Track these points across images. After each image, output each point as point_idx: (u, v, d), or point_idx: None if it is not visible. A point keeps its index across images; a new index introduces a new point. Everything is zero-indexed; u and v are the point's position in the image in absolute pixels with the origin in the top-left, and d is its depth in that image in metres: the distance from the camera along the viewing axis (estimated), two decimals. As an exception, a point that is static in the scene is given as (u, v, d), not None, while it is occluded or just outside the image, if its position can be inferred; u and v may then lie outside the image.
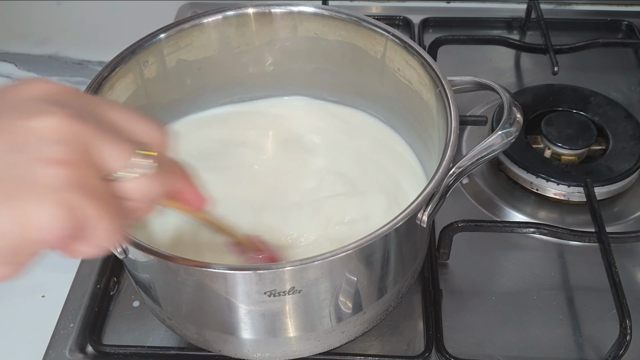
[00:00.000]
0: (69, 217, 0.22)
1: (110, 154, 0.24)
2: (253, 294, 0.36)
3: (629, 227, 0.53)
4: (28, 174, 0.22)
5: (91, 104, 0.25)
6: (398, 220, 0.35)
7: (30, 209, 0.22)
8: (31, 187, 0.22)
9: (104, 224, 0.23)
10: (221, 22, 0.49)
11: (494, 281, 0.49)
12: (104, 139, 0.24)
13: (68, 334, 0.46)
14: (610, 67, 0.68)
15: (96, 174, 0.24)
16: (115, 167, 0.24)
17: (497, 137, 0.40)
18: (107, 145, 0.24)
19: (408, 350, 0.45)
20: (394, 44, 0.46)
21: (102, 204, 0.23)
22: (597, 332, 0.46)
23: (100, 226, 0.23)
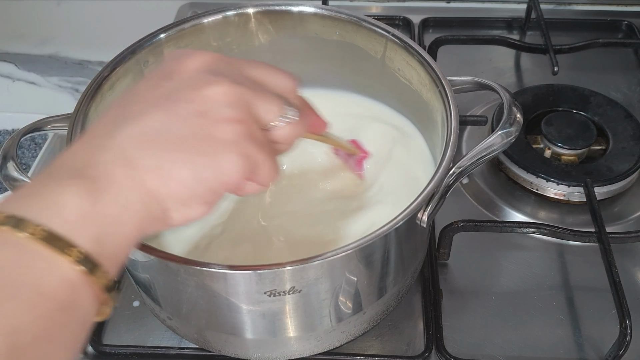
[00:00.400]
0: (247, 162, 0.28)
1: (266, 109, 0.29)
2: (253, 294, 0.36)
3: (629, 227, 0.53)
4: (213, 132, 0.27)
5: (240, 67, 0.30)
6: (398, 220, 0.35)
7: (221, 159, 0.27)
8: (218, 142, 0.27)
9: (268, 165, 0.29)
10: (221, 22, 0.49)
11: (494, 281, 0.49)
12: (259, 97, 0.29)
13: (68, 334, 0.46)
14: (610, 67, 0.68)
15: (258, 126, 0.29)
16: (270, 119, 0.30)
17: (497, 137, 0.40)
18: (262, 102, 0.29)
19: (408, 350, 0.45)
20: (394, 44, 0.46)
21: (266, 149, 0.29)
22: (597, 332, 0.46)
23: (266, 167, 0.29)
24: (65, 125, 0.42)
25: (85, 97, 0.42)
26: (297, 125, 0.31)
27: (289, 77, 0.32)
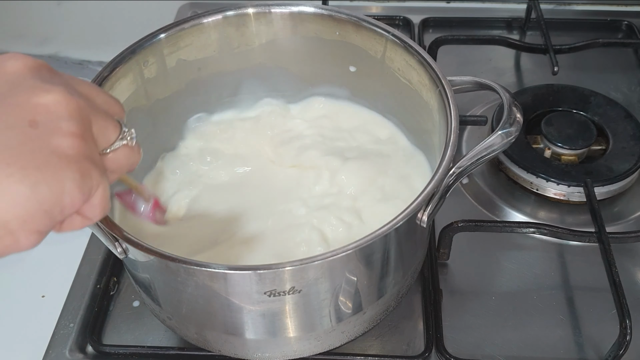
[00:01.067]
0: (87, 184, 0.24)
1: (104, 129, 0.26)
2: (253, 294, 0.36)
3: (629, 227, 0.53)
4: (49, 145, 0.23)
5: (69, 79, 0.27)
6: (398, 220, 0.35)
7: (62, 176, 0.23)
8: (57, 156, 0.23)
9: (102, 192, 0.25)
10: (221, 22, 0.49)
11: (494, 281, 0.49)
12: (97, 115, 0.26)
13: (68, 333, 0.46)
14: (610, 67, 0.68)
15: (95, 147, 0.26)
16: (108, 140, 0.27)
17: (497, 137, 0.40)
18: (100, 121, 0.26)
19: (408, 350, 0.45)
20: (393, 44, 0.46)
21: (103, 174, 0.25)
22: (597, 332, 0.46)
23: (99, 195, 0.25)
24: (65, 125, 0.42)
25: (85, 97, 0.42)
26: (134, 149, 0.28)
27: (115, 99, 0.29)
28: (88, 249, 0.51)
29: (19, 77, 0.25)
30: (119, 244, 0.36)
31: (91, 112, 0.25)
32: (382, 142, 0.52)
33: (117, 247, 0.36)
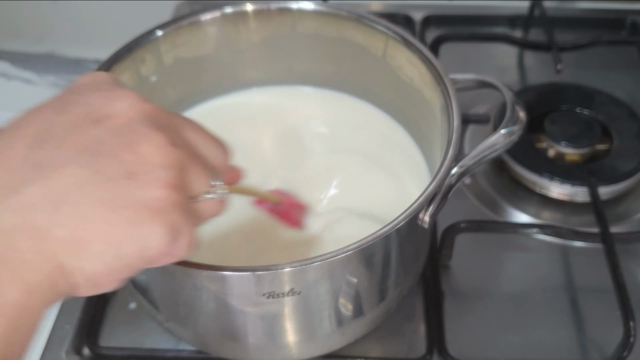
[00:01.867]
0: (174, 234, 0.25)
1: (197, 178, 0.27)
2: (251, 296, 0.35)
3: (633, 227, 0.53)
4: (142, 198, 0.24)
5: (178, 125, 0.27)
6: (399, 221, 0.35)
7: (148, 232, 0.24)
8: (146, 209, 0.24)
9: (190, 237, 0.26)
10: (219, 19, 0.48)
11: (497, 283, 0.49)
12: (193, 164, 0.26)
13: (64, 335, 0.46)
14: (614, 65, 0.68)
15: (187, 195, 0.26)
16: (199, 191, 0.27)
17: (500, 136, 0.40)
18: (195, 171, 0.26)
19: (409, 352, 0.45)
20: (395, 42, 0.46)
21: (191, 221, 0.26)
22: (601, 334, 0.46)
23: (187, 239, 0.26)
24: (60, 124, 0.41)
25: (81, 95, 0.42)
26: (221, 202, 0.28)
27: (223, 148, 0.29)
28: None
29: (128, 122, 0.25)
30: None
31: (188, 161, 0.26)
32: (383, 140, 0.51)
33: None
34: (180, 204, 0.25)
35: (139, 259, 0.24)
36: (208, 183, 0.27)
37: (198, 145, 0.27)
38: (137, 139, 0.24)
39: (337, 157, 0.50)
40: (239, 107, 0.54)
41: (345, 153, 0.50)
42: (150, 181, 0.24)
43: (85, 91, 0.26)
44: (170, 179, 0.24)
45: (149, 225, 0.24)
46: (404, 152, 0.50)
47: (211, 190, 0.28)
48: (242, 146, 0.51)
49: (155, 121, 0.25)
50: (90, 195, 0.23)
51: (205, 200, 0.27)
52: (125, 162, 0.24)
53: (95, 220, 0.23)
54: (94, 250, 0.23)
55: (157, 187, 0.24)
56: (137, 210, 0.24)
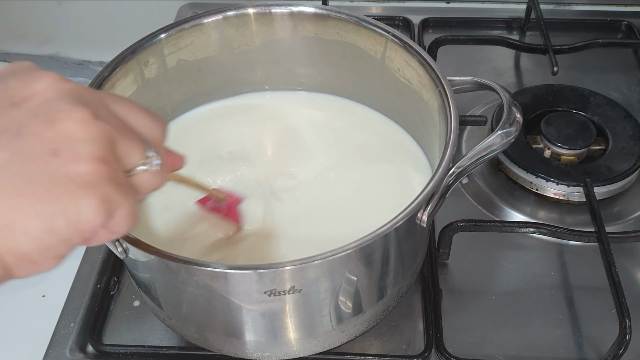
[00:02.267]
0: (107, 207, 0.24)
1: (129, 150, 0.26)
2: (253, 294, 0.36)
3: (628, 226, 0.53)
4: (68, 172, 0.23)
5: (103, 99, 0.26)
6: (398, 220, 0.35)
7: (79, 205, 0.23)
8: (74, 184, 0.23)
9: (127, 210, 0.25)
10: (221, 22, 0.49)
11: (494, 281, 0.49)
12: (123, 136, 0.26)
13: (68, 333, 0.46)
14: (609, 67, 0.68)
15: (120, 167, 0.26)
16: (132, 163, 0.26)
17: (497, 137, 0.40)
18: (126, 143, 0.26)
19: (408, 349, 0.45)
20: (393, 44, 0.46)
21: (126, 194, 0.25)
22: (596, 332, 0.46)
23: (124, 212, 0.25)
24: (65, 125, 0.42)
25: (86, 97, 0.42)
26: (158, 175, 0.28)
27: (158, 121, 0.28)
28: (88, 248, 0.51)
29: (49, 99, 0.24)
30: (119, 244, 0.36)
31: (116, 134, 0.25)
32: (382, 142, 0.52)
33: (118, 246, 0.36)
34: (111, 177, 0.24)
35: (74, 234, 0.24)
36: (141, 154, 0.27)
37: (128, 118, 0.27)
38: (57, 116, 0.24)
39: (336, 158, 0.51)
40: (240, 108, 0.55)
41: (345, 154, 0.51)
42: (75, 156, 0.24)
43: (3, 79, 0.26)
44: (96, 153, 0.24)
45: (79, 198, 0.23)
46: (404, 149, 0.50)
47: (146, 162, 0.27)
48: (243, 147, 0.52)
49: (77, 98, 0.25)
50: (14, 174, 0.23)
51: (141, 172, 0.27)
52: (47, 140, 0.23)
53: (20, 197, 0.22)
54: (22, 227, 0.23)
55: (83, 161, 0.24)
56: (64, 184, 0.23)
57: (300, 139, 0.52)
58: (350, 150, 0.51)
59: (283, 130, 0.53)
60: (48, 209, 0.23)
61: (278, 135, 0.53)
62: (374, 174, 0.49)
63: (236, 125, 0.53)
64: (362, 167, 0.49)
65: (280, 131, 0.53)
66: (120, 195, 0.25)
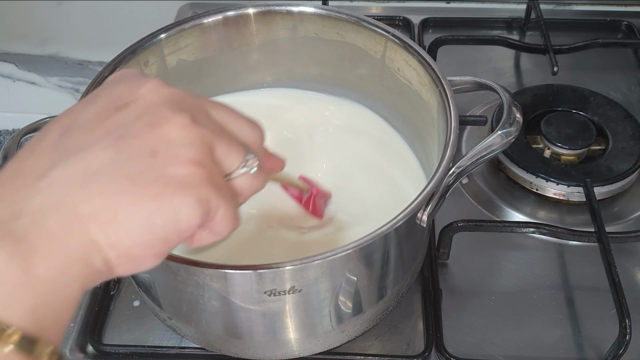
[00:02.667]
0: (205, 207, 0.25)
1: (227, 154, 0.27)
2: (253, 294, 0.36)
3: (628, 226, 0.53)
4: (168, 174, 0.24)
5: (204, 106, 0.27)
6: (398, 220, 0.35)
7: (176, 204, 0.24)
8: (173, 184, 0.24)
9: (228, 212, 0.26)
10: (221, 22, 0.49)
11: (494, 281, 0.50)
12: (221, 141, 0.26)
13: (68, 333, 0.46)
14: (609, 67, 0.68)
15: (218, 170, 0.27)
16: (231, 166, 0.27)
17: (497, 137, 0.40)
18: (224, 147, 0.27)
19: (408, 349, 0.45)
20: (393, 44, 0.46)
21: (226, 196, 0.26)
22: (596, 332, 0.46)
23: (225, 214, 0.26)
24: (65, 125, 0.42)
25: (86, 97, 0.42)
26: (257, 177, 0.28)
27: (255, 126, 0.29)
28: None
29: (152, 104, 0.25)
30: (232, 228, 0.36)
31: (215, 138, 0.26)
32: (381, 142, 0.52)
33: None
34: (209, 179, 0.25)
35: (173, 232, 0.24)
36: (240, 158, 0.27)
37: (227, 123, 0.28)
38: (158, 121, 0.25)
39: (335, 159, 0.51)
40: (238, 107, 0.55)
41: (344, 155, 0.51)
42: (173, 158, 0.24)
43: (111, 85, 0.27)
44: (194, 156, 0.25)
45: (177, 197, 0.24)
46: (399, 156, 0.51)
47: (246, 165, 0.28)
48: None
49: (178, 103, 0.26)
50: (116, 172, 0.23)
51: (241, 175, 0.28)
52: (148, 142, 0.24)
53: (122, 194, 0.23)
54: (123, 223, 0.23)
55: (181, 163, 0.24)
56: (163, 184, 0.24)
57: (298, 140, 0.52)
58: (345, 153, 0.51)
59: (281, 130, 0.53)
60: (147, 207, 0.24)
61: (275, 135, 0.53)
62: (367, 178, 0.49)
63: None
64: (356, 171, 0.49)
65: (278, 131, 0.53)
66: (218, 196, 0.25)
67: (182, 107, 0.26)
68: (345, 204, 0.47)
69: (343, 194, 0.48)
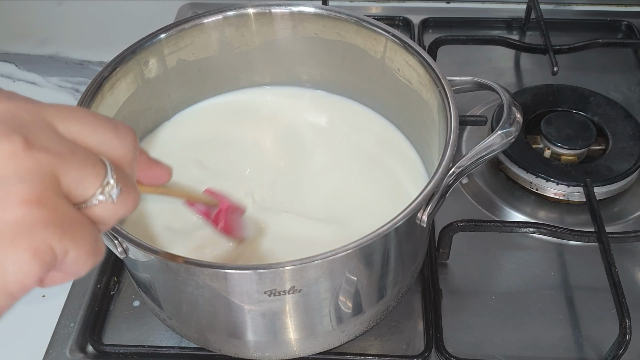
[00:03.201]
0: (45, 258, 0.20)
1: (80, 181, 0.22)
2: (253, 294, 0.36)
3: (628, 226, 0.53)
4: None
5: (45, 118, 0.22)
6: (398, 220, 0.35)
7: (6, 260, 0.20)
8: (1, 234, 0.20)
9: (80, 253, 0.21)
10: (221, 22, 0.49)
11: (494, 281, 0.50)
12: (69, 165, 0.21)
13: (68, 333, 0.46)
14: (609, 67, 0.68)
15: (66, 202, 0.21)
16: (84, 194, 0.22)
17: (497, 137, 0.40)
18: (74, 173, 0.21)
19: (408, 349, 0.45)
20: (394, 44, 0.46)
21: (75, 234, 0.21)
22: (596, 332, 0.46)
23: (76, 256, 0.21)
24: (65, 125, 0.42)
25: (86, 97, 0.42)
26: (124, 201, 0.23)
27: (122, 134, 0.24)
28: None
29: None
30: (119, 244, 0.36)
31: (59, 164, 0.21)
32: (381, 142, 0.52)
33: (118, 246, 0.36)
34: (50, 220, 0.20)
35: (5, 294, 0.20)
36: (97, 183, 0.22)
37: (81, 137, 0.22)
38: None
39: (336, 158, 0.51)
40: (239, 106, 0.55)
41: (344, 154, 0.51)
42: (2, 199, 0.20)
43: None
44: (28, 194, 0.20)
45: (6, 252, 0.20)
46: (400, 153, 0.51)
47: (104, 192, 0.22)
48: (242, 145, 0.52)
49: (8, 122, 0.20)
50: None
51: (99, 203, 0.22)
52: None
53: None
54: None
55: (11, 206, 0.20)
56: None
57: (298, 139, 0.52)
58: (347, 152, 0.51)
59: (281, 130, 0.53)
60: None
61: (276, 135, 0.53)
62: (369, 176, 0.49)
63: (233, 124, 0.53)
64: (358, 169, 0.49)
65: (278, 131, 0.53)
66: (64, 239, 0.21)
67: (12, 127, 0.20)
68: (346, 203, 0.47)
69: (344, 193, 0.48)
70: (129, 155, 0.24)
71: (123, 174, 0.23)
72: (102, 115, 0.24)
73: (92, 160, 0.22)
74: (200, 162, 0.50)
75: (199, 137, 0.52)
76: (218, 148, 0.51)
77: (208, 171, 0.49)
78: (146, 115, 0.50)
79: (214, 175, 0.49)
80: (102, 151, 0.23)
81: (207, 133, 0.52)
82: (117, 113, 0.46)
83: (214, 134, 0.52)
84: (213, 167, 0.50)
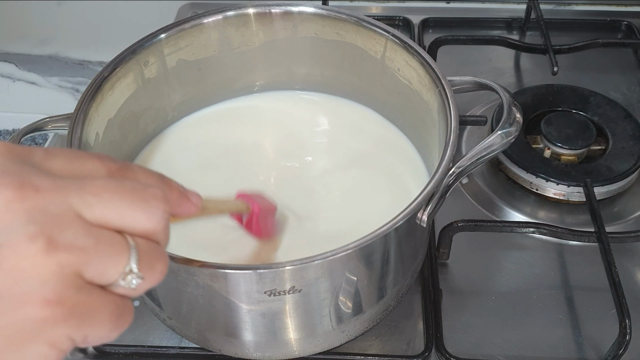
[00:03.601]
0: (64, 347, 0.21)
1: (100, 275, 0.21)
2: (253, 294, 0.36)
3: (628, 226, 0.53)
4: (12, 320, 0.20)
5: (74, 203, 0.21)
6: (398, 220, 0.35)
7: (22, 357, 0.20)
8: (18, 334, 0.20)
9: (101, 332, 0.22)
10: (221, 22, 0.49)
11: (494, 281, 0.50)
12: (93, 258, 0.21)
13: (68, 333, 0.46)
14: (609, 67, 0.68)
15: (87, 292, 0.21)
16: (107, 282, 0.22)
17: (497, 137, 0.40)
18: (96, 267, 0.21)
19: (408, 349, 0.45)
20: (394, 44, 0.46)
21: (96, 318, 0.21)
22: (596, 332, 0.46)
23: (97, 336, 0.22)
24: (65, 126, 0.42)
25: (86, 97, 0.42)
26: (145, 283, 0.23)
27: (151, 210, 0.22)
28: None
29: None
30: None
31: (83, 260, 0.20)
32: (381, 142, 0.52)
33: None
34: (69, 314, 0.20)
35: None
36: (119, 270, 0.22)
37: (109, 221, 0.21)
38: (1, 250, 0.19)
39: (337, 158, 0.51)
40: (239, 109, 0.55)
41: (345, 155, 0.51)
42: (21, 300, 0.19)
43: None
44: (50, 295, 0.20)
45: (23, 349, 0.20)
46: (402, 153, 0.51)
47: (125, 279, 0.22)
48: (243, 147, 0.52)
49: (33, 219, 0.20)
50: None
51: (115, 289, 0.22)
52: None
53: None
54: None
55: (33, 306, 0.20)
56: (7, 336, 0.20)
57: (299, 140, 0.52)
58: (348, 153, 0.51)
59: (282, 130, 0.53)
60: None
61: (277, 136, 0.53)
62: (372, 177, 0.49)
63: (235, 127, 0.53)
64: (361, 170, 0.49)
65: (280, 132, 0.53)
66: (83, 326, 0.21)
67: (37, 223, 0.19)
68: (350, 204, 0.47)
69: (348, 195, 0.48)
70: (159, 226, 0.23)
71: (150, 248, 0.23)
72: (131, 188, 0.22)
73: (115, 248, 0.21)
74: (203, 167, 0.50)
75: (202, 142, 0.52)
76: (221, 153, 0.51)
77: (212, 176, 0.49)
78: (146, 116, 0.50)
79: (219, 180, 0.49)
80: (130, 229, 0.22)
81: (210, 138, 0.52)
82: (117, 113, 0.46)
83: (217, 139, 0.52)
84: (217, 172, 0.50)
